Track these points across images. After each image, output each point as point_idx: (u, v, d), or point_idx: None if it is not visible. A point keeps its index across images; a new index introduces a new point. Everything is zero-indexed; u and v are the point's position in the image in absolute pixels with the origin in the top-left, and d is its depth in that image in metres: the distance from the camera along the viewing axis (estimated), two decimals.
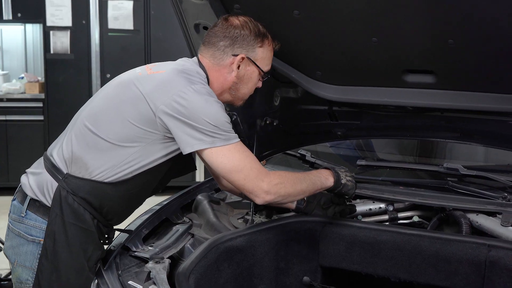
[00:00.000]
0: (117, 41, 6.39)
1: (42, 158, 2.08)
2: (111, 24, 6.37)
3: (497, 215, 2.20)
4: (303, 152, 2.78)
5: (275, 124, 2.67)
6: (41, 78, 6.81)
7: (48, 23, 6.33)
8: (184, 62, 2.05)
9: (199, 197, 2.52)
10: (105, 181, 1.95)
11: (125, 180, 1.97)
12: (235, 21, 2.04)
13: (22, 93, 6.66)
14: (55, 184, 1.96)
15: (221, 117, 1.89)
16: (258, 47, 2.04)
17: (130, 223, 2.28)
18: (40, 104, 6.54)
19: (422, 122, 2.49)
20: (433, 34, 1.97)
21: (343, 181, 2.16)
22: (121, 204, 2.03)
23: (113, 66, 6.30)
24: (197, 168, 1.98)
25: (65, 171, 1.96)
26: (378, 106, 2.43)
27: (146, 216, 2.32)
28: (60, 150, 2.01)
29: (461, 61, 2.05)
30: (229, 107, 2.49)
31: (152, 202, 2.43)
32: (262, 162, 2.75)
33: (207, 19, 2.21)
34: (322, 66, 2.34)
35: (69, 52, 6.37)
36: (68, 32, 6.35)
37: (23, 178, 2.07)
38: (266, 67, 2.10)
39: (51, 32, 6.35)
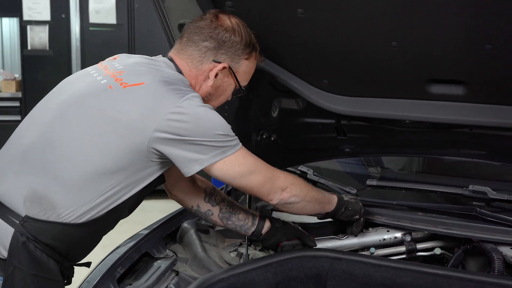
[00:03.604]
0: (99, 36, 6.32)
1: None
2: (93, 18, 6.32)
3: None
4: (304, 169, 2.52)
5: (272, 138, 2.46)
6: (18, 75, 6.80)
7: (25, 17, 6.34)
8: (157, 65, 1.75)
9: (185, 225, 2.26)
10: (75, 222, 1.63)
11: (99, 217, 1.65)
12: (226, 21, 1.81)
13: None
14: (10, 231, 1.60)
15: (225, 122, 1.70)
16: (244, 59, 1.84)
17: (107, 256, 1.98)
18: (17, 104, 6.45)
19: (444, 139, 2.26)
20: (466, 37, 1.75)
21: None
22: (91, 242, 1.76)
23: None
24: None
25: (23, 214, 1.61)
26: (395, 121, 2.20)
27: (124, 249, 2.03)
28: (9, 186, 1.65)
29: (498, 70, 1.83)
30: None
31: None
32: None
33: None
34: (330, 74, 2.12)
35: (47, 48, 6.36)
36: (47, 27, 6.33)
37: None
38: (244, 82, 1.91)
39: (28, 27, 6.34)
